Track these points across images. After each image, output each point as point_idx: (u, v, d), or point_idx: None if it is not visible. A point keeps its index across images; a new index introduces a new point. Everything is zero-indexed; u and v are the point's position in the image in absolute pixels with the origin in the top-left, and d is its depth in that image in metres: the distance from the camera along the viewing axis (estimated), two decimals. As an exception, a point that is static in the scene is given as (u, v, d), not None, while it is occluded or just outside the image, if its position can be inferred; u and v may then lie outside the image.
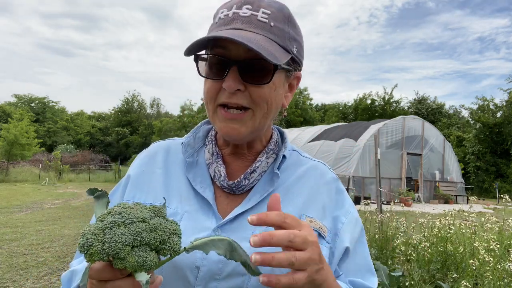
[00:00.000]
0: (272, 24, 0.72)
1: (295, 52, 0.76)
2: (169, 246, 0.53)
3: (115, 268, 0.51)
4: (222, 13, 0.74)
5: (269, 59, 0.66)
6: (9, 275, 4.54)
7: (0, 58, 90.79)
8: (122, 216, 0.53)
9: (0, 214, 8.89)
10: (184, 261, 0.70)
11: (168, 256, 0.55)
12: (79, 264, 0.79)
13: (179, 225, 0.58)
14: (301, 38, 0.80)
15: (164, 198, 0.69)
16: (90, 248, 0.49)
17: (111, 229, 0.51)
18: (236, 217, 0.76)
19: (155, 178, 0.84)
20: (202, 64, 0.76)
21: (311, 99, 42.11)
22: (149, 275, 0.52)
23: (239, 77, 0.70)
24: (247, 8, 0.72)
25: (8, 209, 9.83)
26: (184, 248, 0.57)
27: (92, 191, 0.61)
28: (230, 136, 0.75)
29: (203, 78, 0.77)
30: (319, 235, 0.78)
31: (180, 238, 0.56)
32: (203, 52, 0.75)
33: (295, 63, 0.79)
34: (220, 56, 0.71)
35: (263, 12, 0.72)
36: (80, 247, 0.49)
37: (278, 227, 0.57)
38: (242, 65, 0.70)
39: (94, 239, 0.50)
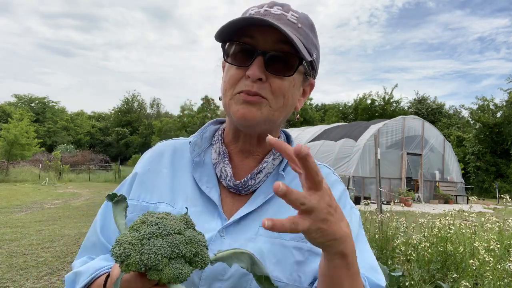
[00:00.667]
0: (299, 25, 0.75)
1: (314, 58, 0.79)
2: (201, 259, 0.54)
3: (149, 278, 0.51)
4: (252, 10, 0.77)
5: (300, 50, 0.69)
6: (9, 275, 4.54)
7: (0, 58, 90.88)
8: (159, 227, 0.52)
9: (0, 214, 8.89)
10: None
11: (199, 268, 0.55)
12: (83, 264, 0.78)
13: (206, 239, 0.58)
14: (319, 49, 0.83)
15: (186, 208, 0.69)
16: (128, 259, 0.48)
17: (149, 239, 0.51)
18: (241, 218, 0.76)
19: (161, 178, 0.84)
20: (228, 51, 0.77)
21: (311, 99, 42.15)
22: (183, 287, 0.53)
23: (263, 67, 0.72)
24: (277, 8, 0.76)
25: (8, 209, 9.83)
26: (210, 260, 0.57)
27: (111, 197, 0.61)
28: (245, 119, 0.74)
29: (225, 68, 0.79)
30: None
31: (208, 250, 0.56)
32: (232, 39, 0.76)
33: (313, 69, 0.82)
34: (247, 44, 0.73)
35: (292, 14, 0.76)
36: (116, 256, 0.49)
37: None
38: (267, 55, 0.72)
39: (132, 249, 0.49)
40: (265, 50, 0.72)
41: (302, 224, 0.51)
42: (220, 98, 0.83)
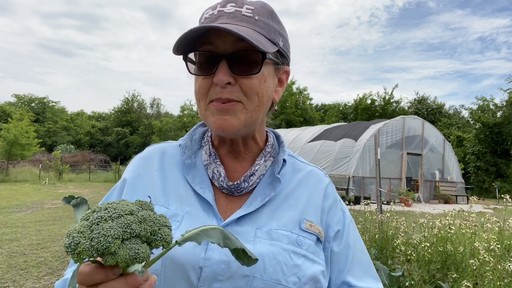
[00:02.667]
0: (256, 18, 0.74)
1: (281, 45, 0.78)
2: (160, 237, 0.51)
3: (106, 266, 0.48)
4: (207, 13, 0.76)
5: (257, 46, 0.67)
6: (9, 275, 4.54)
7: (0, 58, 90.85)
8: (109, 211, 0.50)
9: (0, 214, 8.89)
10: (187, 262, 0.70)
11: (161, 248, 0.52)
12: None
13: (168, 219, 0.55)
14: (286, 34, 0.82)
15: (149, 196, 0.68)
16: (78, 247, 0.46)
17: (98, 224, 0.48)
18: (238, 219, 0.76)
19: (152, 181, 0.83)
20: (191, 63, 0.77)
21: (311, 99, 42.07)
22: (143, 265, 0.50)
23: (228, 70, 0.71)
24: (231, 6, 0.74)
25: (8, 209, 9.83)
26: (176, 241, 0.54)
27: (68, 199, 0.59)
28: (223, 130, 0.74)
29: (194, 78, 0.78)
30: (318, 239, 0.80)
31: (171, 230, 0.54)
32: (191, 50, 0.76)
33: (283, 56, 0.80)
34: (208, 52, 0.73)
35: (247, 8, 0.74)
36: (66, 247, 0.46)
37: None
38: (230, 58, 0.71)
39: (81, 237, 0.47)
40: (226, 53, 0.71)
41: None
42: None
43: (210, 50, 0.72)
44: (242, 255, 0.57)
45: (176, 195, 0.80)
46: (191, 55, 0.76)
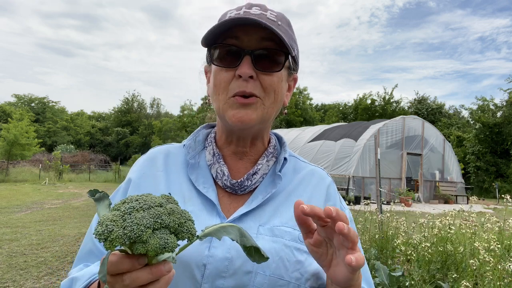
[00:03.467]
0: (279, 23, 0.77)
1: (296, 53, 0.81)
2: (186, 230, 0.53)
3: (135, 254, 0.50)
4: (231, 13, 0.77)
5: (286, 43, 0.72)
6: (9, 275, 4.54)
7: (0, 58, 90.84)
8: (139, 202, 0.53)
9: (0, 214, 8.89)
10: (191, 259, 0.71)
11: (186, 240, 0.55)
12: (79, 271, 0.78)
13: (191, 214, 0.58)
14: (297, 44, 0.86)
15: (169, 193, 0.68)
16: (111, 234, 0.48)
17: (130, 214, 0.50)
18: (241, 216, 0.78)
19: (156, 181, 0.84)
20: (214, 55, 0.78)
21: (311, 99, 42.08)
22: (174, 254, 0.53)
23: (252, 65, 0.74)
24: (256, 9, 0.77)
25: (8, 209, 9.83)
26: (198, 236, 0.56)
27: (92, 193, 0.61)
28: (242, 122, 0.76)
29: (211, 71, 0.80)
30: None
31: (194, 224, 0.56)
32: (217, 42, 0.78)
33: (295, 63, 0.84)
34: (234, 46, 0.75)
35: (271, 13, 0.77)
36: (99, 235, 0.48)
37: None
38: (254, 54, 0.74)
39: (114, 225, 0.49)
40: (251, 49, 0.74)
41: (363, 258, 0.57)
42: (206, 101, 0.86)
43: (236, 44, 0.75)
44: (254, 253, 0.60)
45: (180, 195, 0.81)
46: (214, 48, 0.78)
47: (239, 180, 0.81)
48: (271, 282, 0.71)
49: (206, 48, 0.81)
